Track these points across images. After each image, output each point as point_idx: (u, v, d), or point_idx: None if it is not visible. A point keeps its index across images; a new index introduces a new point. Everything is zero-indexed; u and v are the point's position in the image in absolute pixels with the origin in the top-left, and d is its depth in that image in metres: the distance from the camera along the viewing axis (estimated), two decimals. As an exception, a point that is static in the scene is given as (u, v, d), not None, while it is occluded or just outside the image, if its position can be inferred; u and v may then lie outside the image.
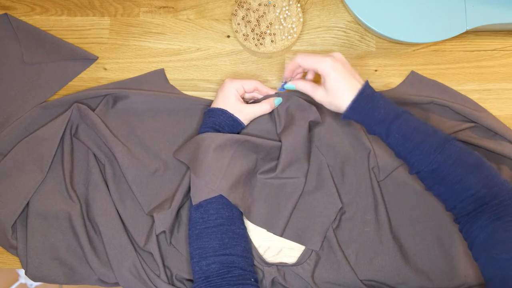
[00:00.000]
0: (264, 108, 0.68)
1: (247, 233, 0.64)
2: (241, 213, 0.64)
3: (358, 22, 0.74)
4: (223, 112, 0.65)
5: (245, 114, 0.67)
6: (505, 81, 0.74)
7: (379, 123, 0.59)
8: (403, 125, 0.58)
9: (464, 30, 0.69)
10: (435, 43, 0.76)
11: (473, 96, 0.73)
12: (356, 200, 0.68)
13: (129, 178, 0.68)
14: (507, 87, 0.74)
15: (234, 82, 0.67)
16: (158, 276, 0.65)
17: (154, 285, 0.65)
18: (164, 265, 0.66)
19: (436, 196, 0.60)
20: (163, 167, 0.70)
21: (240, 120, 0.66)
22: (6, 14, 0.77)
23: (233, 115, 0.66)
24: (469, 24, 0.69)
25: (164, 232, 0.65)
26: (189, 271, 0.66)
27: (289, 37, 0.73)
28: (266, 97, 0.69)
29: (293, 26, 0.73)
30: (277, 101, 0.69)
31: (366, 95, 0.59)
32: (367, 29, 0.73)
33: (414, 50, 0.76)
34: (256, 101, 0.70)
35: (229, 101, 0.66)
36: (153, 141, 0.71)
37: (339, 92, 0.60)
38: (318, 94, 0.63)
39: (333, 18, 0.77)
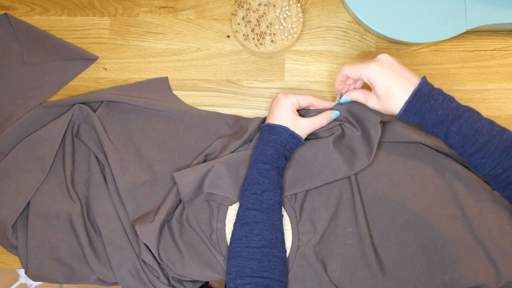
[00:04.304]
0: (321, 121, 0.66)
1: (286, 256, 0.63)
2: (283, 236, 0.63)
3: (358, 22, 0.74)
4: (284, 130, 0.64)
5: (303, 129, 0.65)
6: (505, 81, 0.74)
7: (437, 125, 0.56)
8: (464, 126, 0.54)
9: (464, 30, 0.69)
10: (435, 43, 0.76)
11: (473, 96, 0.73)
12: (337, 212, 0.68)
13: (119, 184, 0.68)
14: (507, 87, 0.74)
15: (289, 96, 0.65)
16: (158, 278, 0.66)
17: (154, 287, 0.65)
18: (161, 268, 0.66)
19: (506, 198, 0.57)
20: (153, 179, 0.70)
21: (300, 136, 0.65)
22: (6, 14, 0.77)
23: (294, 132, 0.64)
24: (469, 24, 0.69)
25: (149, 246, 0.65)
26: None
27: (289, 37, 0.73)
28: (321, 110, 0.68)
29: (293, 26, 0.73)
30: (334, 114, 0.67)
31: (422, 94, 0.55)
32: (367, 29, 0.73)
33: (414, 50, 0.76)
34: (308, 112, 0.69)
35: (286, 116, 0.64)
36: (149, 151, 0.71)
37: (390, 96, 0.57)
38: (370, 101, 0.61)
39: (333, 18, 0.77)
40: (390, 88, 0.57)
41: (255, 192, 0.62)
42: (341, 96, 0.67)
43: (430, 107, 0.55)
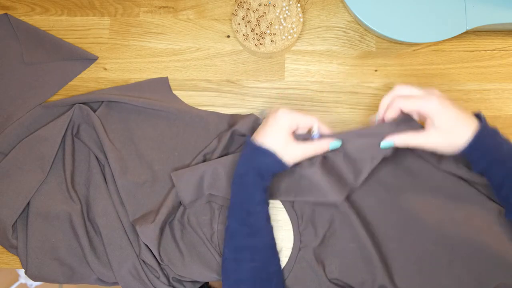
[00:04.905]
0: (316, 150, 0.60)
1: (280, 266, 0.62)
2: (276, 247, 0.62)
3: (358, 22, 0.74)
4: (270, 155, 0.58)
5: (294, 155, 0.59)
6: (505, 81, 0.74)
7: (501, 161, 0.55)
8: None
9: (464, 30, 0.69)
10: (435, 43, 0.76)
11: (473, 96, 0.73)
12: (336, 216, 0.67)
13: (119, 184, 0.68)
14: (507, 87, 0.74)
15: (289, 116, 0.58)
16: (158, 278, 0.66)
17: (154, 287, 0.65)
18: (161, 268, 0.66)
19: None
20: (153, 179, 0.70)
21: (286, 164, 0.59)
22: (6, 14, 0.77)
23: (281, 160, 0.58)
24: (469, 24, 0.69)
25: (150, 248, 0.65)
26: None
27: (289, 37, 0.73)
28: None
29: (293, 26, 0.73)
30: (332, 145, 0.60)
31: (489, 130, 0.55)
32: (367, 29, 0.73)
33: (414, 50, 0.76)
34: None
35: (279, 138, 0.58)
36: (148, 150, 0.71)
37: (456, 129, 0.55)
38: (431, 138, 0.56)
39: (333, 18, 0.77)
40: (456, 120, 0.55)
41: (241, 217, 0.59)
42: (317, 133, 0.61)
43: (496, 143, 0.55)
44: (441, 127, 0.55)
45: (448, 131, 0.55)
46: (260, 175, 0.59)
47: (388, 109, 0.59)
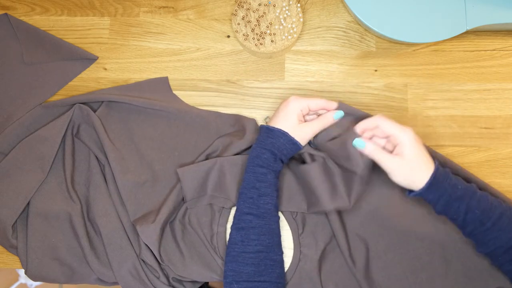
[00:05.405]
0: (323, 123, 0.64)
1: (283, 258, 0.63)
2: (280, 238, 0.63)
3: (358, 22, 0.74)
4: (283, 134, 0.62)
5: (305, 134, 0.63)
6: (505, 81, 0.74)
7: (458, 199, 0.57)
8: (482, 200, 0.57)
9: (464, 30, 0.69)
10: (435, 43, 0.76)
11: (473, 96, 0.73)
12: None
13: (119, 184, 0.68)
14: (507, 87, 0.74)
15: (300, 101, 0.63)
16: (158, 278, 0.66)
17: (154, 287, 0.65)
18: (161, 268, 0.66)
19: (506, 272, 0.59)
20: (153, 179, 0.70)
21: (298, 143, 0.63)
22: (6, 14, 0.77)
23: (293, 138, 0.62)
24: (469, 24, 0.69)
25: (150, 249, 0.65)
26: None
27: (289, 37, 0.73)
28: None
29: (293, 26, 0.73)
30: (336, 115, 0.64)
31: (442, 172, 0.58)
32: (367, 29, 0.73)
33: (414, 50, 0.76)
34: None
35: (290, 121, 0.63)
36: (149, 150, 0.71)
37: (417, 167, 0.57)
38: (392, 162, 0.58)
39: (333, 18, 0.77)
40: (420, 159, 0.58)
41: (252, 197, 0.61)
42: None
43: (452, 183, 0.58)
44: (406, 160, 0.58)
45: (410, 167, 0.58)
46: (274, 154, 0.62)
47: (367, 120, 0.61)
